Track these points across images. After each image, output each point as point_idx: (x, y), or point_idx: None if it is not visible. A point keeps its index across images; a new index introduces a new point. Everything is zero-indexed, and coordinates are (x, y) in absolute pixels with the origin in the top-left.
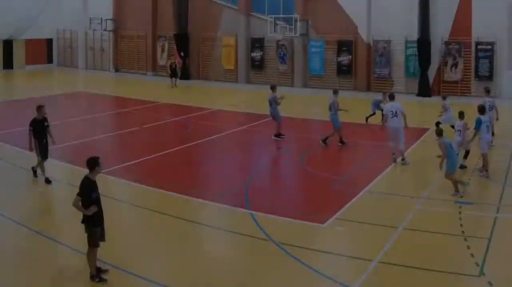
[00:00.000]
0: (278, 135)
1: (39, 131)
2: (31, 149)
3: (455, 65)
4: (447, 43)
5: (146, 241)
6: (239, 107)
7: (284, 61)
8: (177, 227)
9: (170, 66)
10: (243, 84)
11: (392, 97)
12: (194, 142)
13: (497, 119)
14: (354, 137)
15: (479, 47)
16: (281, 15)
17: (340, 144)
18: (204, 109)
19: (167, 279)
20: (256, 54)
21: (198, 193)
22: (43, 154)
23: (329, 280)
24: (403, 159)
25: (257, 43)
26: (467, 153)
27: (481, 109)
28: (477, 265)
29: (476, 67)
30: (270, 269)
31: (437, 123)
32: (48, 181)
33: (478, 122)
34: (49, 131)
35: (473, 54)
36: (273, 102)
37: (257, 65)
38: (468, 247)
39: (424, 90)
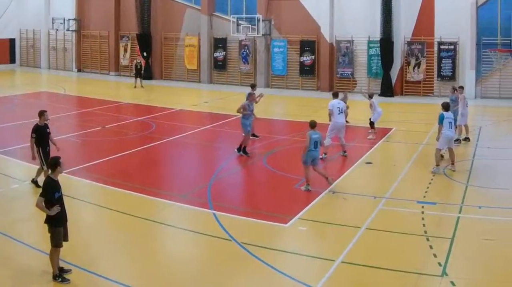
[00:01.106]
0: (253, 134)
1: (43, 138)
2: (34, 157)
3: (417, 65)
4: (409, 43)
5: (109, 241)
6: (201, 107)
7: (247, 61)
8: (140, 227)
9: (136, 66)
10: (206, 84)
11: (336, 95)
12: (157, 143)
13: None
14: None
15: (442, 47)
16: (243, 15)
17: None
18: (167, 109)
19: (130, 280)
20: (219, 54)
21: (161, 193)
22: (47, 162)
23: (291, 280)
24: (344, 151)
25: (219, 43)
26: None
27: (445, 107)
28: (440, 265)
29: (439, 67)
30: (233, 269)
31: (371, 123)
32: (38, 185)
33: (441, 118)
34: (51, 138)
35: (435, 54)
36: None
37: (219, 65)
38: (431, 247)
39: (387, 90)
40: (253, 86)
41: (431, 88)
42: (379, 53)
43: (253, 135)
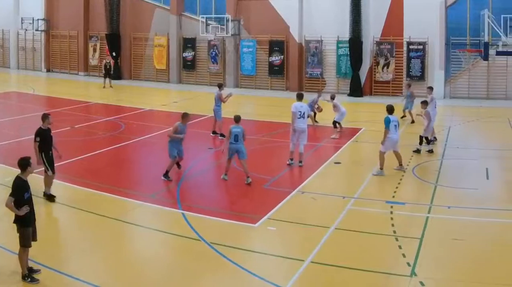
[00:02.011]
0: (221, 134)
1: (47, 142)
2: (39, 163)
3: (386, 65)
4: (378, 43)
5: (79, 241)
6: (170, 107)
7: (216, 61)
8: (109, 227)
9: (105, 66)
10: (175, 84)
11: (300, 97)
12: (126, 143)
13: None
14: (288, 137)
15: (411, 47)
16: (213, 15)
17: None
18: (136, 109)
19: (99, 280)
20: (188, 54)
21: (130, 193)
22: (52, 167)
23: (260, 280)
24: (300, 161)
25: (188, 43)
26: (425, 139)
27: (390, 109)
28: (409, 265)
29: (408, 67)
30: (202, 269)
31: (334, 123)
32: (51, 198)
33: (387, 122)
34: (54, 143)
35: (404, 54)
36: (218, 100)
37: (188, 65)
38: (400, 247)
39: (356, 90)
40: (220, 86)
41: (400, 88)
42: (348, 53)
43: (221, 135)
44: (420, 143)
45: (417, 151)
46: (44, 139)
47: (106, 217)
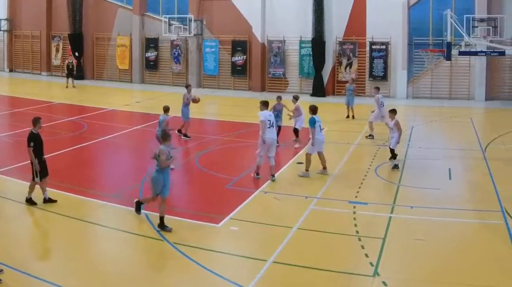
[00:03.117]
0: (185, 135)
1: (39, 147)
2: (39, 168)
3: (349, 65)
4: (341, 43)
5: (41, 241)
6: (133, 107)
7: (179, 61)
8: (72, 228)
9: (67, 66)
10: (138, 84)
11: (266, 105)
12: (89, 143)
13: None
14: (251, 138)
15: (374, 47)
16: (175, 15)
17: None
18: (98, 109)
19: (63, 280)
20: (151, 54)
21: (93, 193)
22: (45, 172)
23: (223, 280)
24: (272, 175)
25: (151, 43)
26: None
27: (313, 109)
28: (372, 265)
29: (371, 67)
30: (165, 269)
31: (295, 130)
32: (51, 201)
33: (312, 122)
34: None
35: (367, 54)
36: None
37: (151, 65)
38: (363, 247)
39: (319, 90)
40: (187, 87)
41: (363, 88)
42: (311, 53)
43: (185, 135)
44: (394, 157)
45: (396, 167)
46: (37, 144)
47: (70, 217)
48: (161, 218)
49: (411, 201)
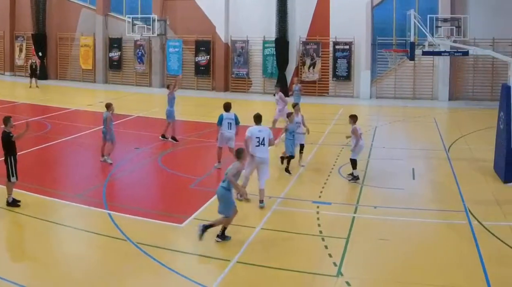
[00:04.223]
0: (170, 137)
1: (12, 147)
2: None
3: (313, 65)
4: (305, 43)
5: (4, 241)
6: (97, 107)
7: (142, 61)
8: (34, 228)
9: (31, 66)
10: (101, 84)
11: (259, 120)
12: (52, 143)
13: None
14: (215, 137)
15: (337, 47)
16: (139, 15)
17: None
18: (62, 109)
19: (25, 279)
20: (114, 54)
21: (57, 193)
22: (17, 173)
23: (187, 280)
24: (261, 201)
25: (114, 43)
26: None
27: (225, 107)
28: (335, 265)
29: (334, 67)
30: (128, 269)
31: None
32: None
33: (220, 119)
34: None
35: (331, 54)
36: (170, 101)
37: (115, 65)
38: (326, 247)
39: (282, 90)
40: (168, 87)
41: (326, 88)
42: (274, 53)
43: (173, 138)
44: (354, 167)
45: (356, 178)
46: (10, 144)
47: (33, 217)
48: (224, 228)
49: (374, 201)
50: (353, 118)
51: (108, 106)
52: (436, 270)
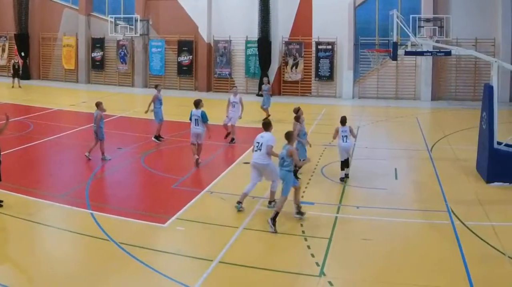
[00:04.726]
0: (156, 136)
1: None
2: None
3: (295, 65)
4: (287, 43)
5: None
6: (79, 107)
7: (125, 61)
8: (17, 228)
9: (13, 66)
10: (84, 84)
11: (264, 127)
12: (35, 143)
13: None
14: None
15: (320, 47)
16: (121, 15)
17: (155, 139)
18: (44, 109)
19: (8, 280)
20: (97, 54)
21: (40, 193)
22: (0, 174)
23: (170, 280)
24: (269, 202)
25: (97, 43)
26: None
27: (195, 104)
28: (318, 265)
29: (317, 67)
30: (111, 269)
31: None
32: None
33: (190, 116)
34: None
35: (313, 54)
36: (157, 101)
37: (97, 65)
38: (309, 247)
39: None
40: (156, 87)
41: (309, 88)
42: (257, 53)
43: (156, 137)
44: (347, 166)
45: (345, 177)
46: None
47: (16, 217)
48: (277, 213)
49: (357, 201)
50: (341, 120)
51: (98, 105)
52: (419, 270)
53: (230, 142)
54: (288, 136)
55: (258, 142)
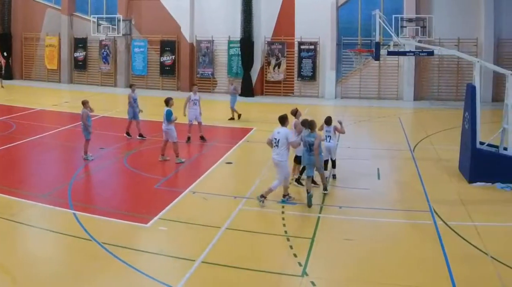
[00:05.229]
0: (127, 133)
1: None
2: None
3: (278, 65)
4: (270, 43)
5: None
6: (62, 107)
7: (107, 61)
8: (0, 228)
9: None
10: (66, 84)
11: (281, 121)
12: (17, 143)
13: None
14: (180, 137)
15: (302, 47)
16: (104, 15)
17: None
18: (27, 109)
19: None
20: (79, 54)
21: (22, 193)
22: None
23: (152, 280)
24: (287, 196)
25: (80, 43)
26: (333, 162)
27: (166, 102)
28: (300, 265)
29: (299, 67)
30: (94, 269)
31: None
32: None
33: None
34: None
35: (296, 54)
36: (132, 101)
37: (80, 65)
38: (291, 247)
39: (247, 90)
40: (131, 86)
41: (291, 88)
42: (239, 53)
43: (127, 133)
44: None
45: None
46: None
47: None
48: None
49: (339, 201)
50: (327, 119)
51: (84, 103)
52: (401, 269)
53: (201, 139)
54: (311, 125)
55: (276, 139)
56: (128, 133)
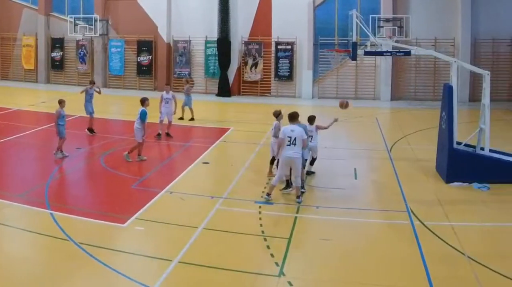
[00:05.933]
0: (90, 129)
1: None
2: None
3: (255, 65)
4: (247, 43)
5: None
6: (39, 107)
7: (84, 61)
8: None
9: None
10: (43, 84)
11: (292, 119)
12: None
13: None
14: (150, 136)
15: (279, 47)
16: (81, 15)
17: (88, 132)
18: (3, 109)
19: None
20: (56, 54)
21: None
22: None
23: (129, 280)
24: (297, 197)
25: (57, 43)
26: (313, 159)
27: (141, 101)
28: (277, 265)
29: (276, 67)
30: (70, 269)
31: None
32: None
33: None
34: None
35: (273, 54)
36: (87, 96)
37: (57, 65)
38: (268, 247)
39: (224, 90)
40: (91, 82)
41: (268, 88)
42: (217, 53)
43: (89, 130)
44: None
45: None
46: None
47: None
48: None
49: (316, 201)
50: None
51: (60, 102)
52: (379, 269)
53: (167, 135)
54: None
55: (290, 137)
56: (90, 130)
